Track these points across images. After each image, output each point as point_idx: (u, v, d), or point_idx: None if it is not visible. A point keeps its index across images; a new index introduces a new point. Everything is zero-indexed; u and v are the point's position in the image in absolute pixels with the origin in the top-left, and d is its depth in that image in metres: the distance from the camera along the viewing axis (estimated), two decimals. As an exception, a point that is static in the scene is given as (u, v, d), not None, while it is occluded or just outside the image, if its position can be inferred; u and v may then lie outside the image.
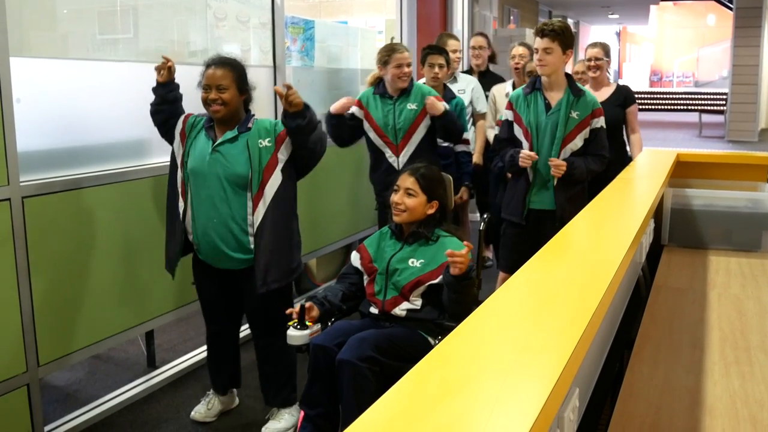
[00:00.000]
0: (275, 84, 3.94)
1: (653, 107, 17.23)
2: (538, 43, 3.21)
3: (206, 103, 2.65)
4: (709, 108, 14.71)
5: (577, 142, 3.26)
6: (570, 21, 18.74)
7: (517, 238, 3.40)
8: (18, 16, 2.58)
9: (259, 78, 3.86)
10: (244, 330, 3.52)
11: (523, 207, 3.34)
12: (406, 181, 2.55)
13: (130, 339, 3.36)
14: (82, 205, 2.76)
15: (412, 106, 3.59)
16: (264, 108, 3.91)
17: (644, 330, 2.28)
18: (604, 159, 3.33)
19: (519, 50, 4.64)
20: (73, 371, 3.42)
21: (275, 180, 2.66)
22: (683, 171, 3.55)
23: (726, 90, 12.78)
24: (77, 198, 2.73)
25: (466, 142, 4.23)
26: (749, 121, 11.85)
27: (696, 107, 14.90)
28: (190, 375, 3.47)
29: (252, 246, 2.67)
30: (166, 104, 2.78)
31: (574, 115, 3.24)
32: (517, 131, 3.35)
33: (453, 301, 2.35)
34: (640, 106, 16.71)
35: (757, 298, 2.59)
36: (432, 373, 1.09)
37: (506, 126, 3.40)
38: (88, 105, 2.88)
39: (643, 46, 30.14)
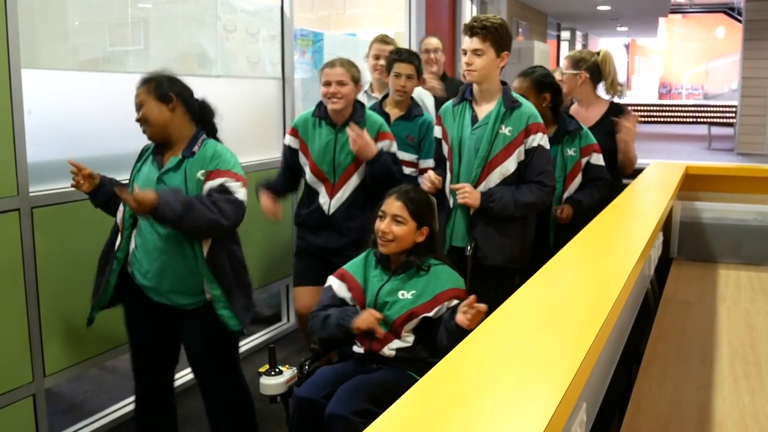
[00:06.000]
0: (284, 96, 3.95)
1: (662, 120, 17.18)
2: (466, 43, 2.61)
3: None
4: (718, 121, 14.66)
5: (509, 166, 2.63)
6: (579, 33, 18.75)
7: None
8: (30, 29, 2.61)
9: (268, 90, 3.90)
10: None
11: (444, 243, 2.73)
12: (393, 206, 2.28)
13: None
14: (90, 215, 2.76)
15: None
16: (272, 121, 3.93)
17: (652, 344, 2.26)
18: (545, 187, 2.66)
19: (432, 42, 4.04)
20: (79, 382, 3.42)
21: None
22: (692, 184, 3.53)
23: (735, 102, 12.74)
24: (86, 209, 2.73)
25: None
26: (759, 134, 11.79)
27: (705, 120, 14.84)
28: (195, 387, 3.43)
29: (206, 285, 2.31)
30: (107, 203, 2.46)
31: (505, 131, 2.62)
32: (445, 150, 2.80)
33: (449, 345, 2.12)
34: (649, 119, 16.73)
35: (767, 312, 2.57)
36: (438, 386, 1.08)
37: (437, 144, 2.87)
38: (98, 116, 2.90)
39: (652, 58, 30.20)
